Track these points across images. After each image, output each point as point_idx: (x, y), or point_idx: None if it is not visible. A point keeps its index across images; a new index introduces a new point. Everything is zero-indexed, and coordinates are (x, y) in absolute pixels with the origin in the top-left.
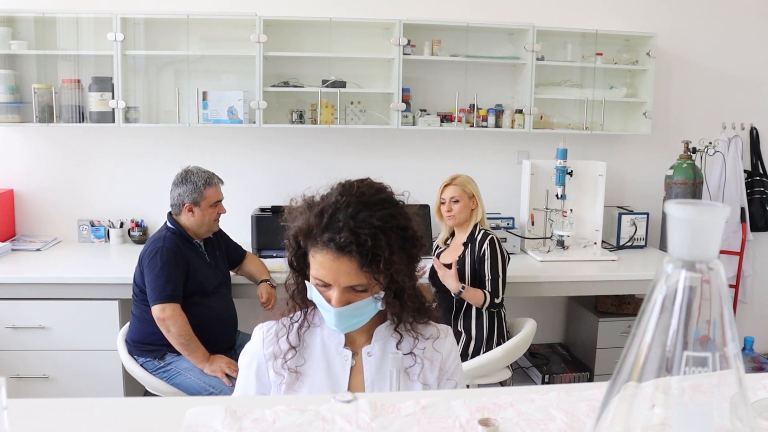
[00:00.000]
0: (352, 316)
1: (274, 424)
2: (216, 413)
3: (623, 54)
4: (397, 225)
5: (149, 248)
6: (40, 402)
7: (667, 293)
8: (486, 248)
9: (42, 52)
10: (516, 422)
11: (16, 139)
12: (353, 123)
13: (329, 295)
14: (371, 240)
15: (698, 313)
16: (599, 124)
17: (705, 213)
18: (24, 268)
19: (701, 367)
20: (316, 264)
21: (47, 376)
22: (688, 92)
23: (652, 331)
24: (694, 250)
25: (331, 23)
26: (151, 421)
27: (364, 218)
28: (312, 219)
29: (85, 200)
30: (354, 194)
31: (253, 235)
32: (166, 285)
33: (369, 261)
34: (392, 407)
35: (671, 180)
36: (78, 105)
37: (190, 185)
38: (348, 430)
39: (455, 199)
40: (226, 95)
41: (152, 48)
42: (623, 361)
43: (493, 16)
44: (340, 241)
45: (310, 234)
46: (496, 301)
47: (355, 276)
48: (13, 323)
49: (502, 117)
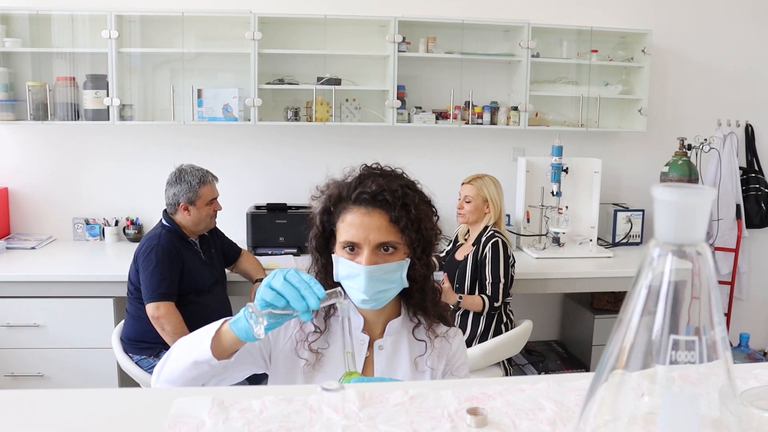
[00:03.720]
0: (382, 280)
1: (261, 414)
2: (203, 403)
3: (618, 51)
4: (421, 193)
5: (144, 246)
6: (26, 393)
7: (653, 277)
8: (488, 251)
9: (36, 50)
10: (505, 412)
11: (10, 137)
12: (348, 120)
13: (358, 260)
14: (401, 189)
15: (685, 297)
16: (594, 121)
17: (691, 195)
18: (19, 267)
19: (688, 351)
20: (345, 227)
21: (42, 375)
22: (684, 89)
23: (639, 317)
24: (680, 234)
25: (326, 20)
26: (138, 412)
27: (391, 180)
28: (342, 184)
29: (80, 198)
30: (378, 168)
31: (248, 233)
32: (160, 283)
33: (398, 212)
34: (380, 397)
35: (666, 177)
36: (73, 103)
37: (184, 184)
38: (335, 419)
39: (468, 198)
40: (221, 93)
41: (147, 45)
42: (610, 348)
43: (488, 13)
44: (372, 190)
45: (341, 197)
46: (496, 305)
47: (385, 231)
48: (8, 321)
49: (498, 114)
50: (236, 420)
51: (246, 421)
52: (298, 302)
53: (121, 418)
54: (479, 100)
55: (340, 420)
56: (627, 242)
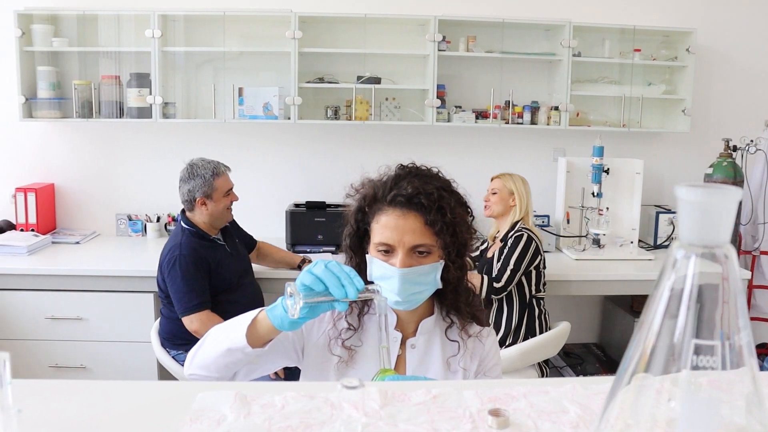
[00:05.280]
0: (415, 282)
1: (282, 409)
2: (226, 398)
3: (662, 50)
4: (456, 194)
5: (167, 257)
6: (48, 383)
7: (676, 279)
8: (510, 242)
9: (82, 49)
10: (527, 413)
11: (57, 134)
12: (388, 119)
13: (392, 261)
14: (436, 192)
15: (708, 300)
16: (637, 121)
17: (716, 195)
18: (63, 261)
19: (711, 356)
20: (380, 228)
21: (84, 367)
22: (729, 89)
23: (661, 319)
24: (704, 235)
25: (366, 19)
26: (162, 404)
27: (427, 181)
28: (378, 185)
29: (123, 194)
30: (413, 168)
31: (288, 231)
32: (190, 296)
33: (434, 216)
34: (403, 395)
35: (711, 179)
36: (117, 101)
37: (198, 179)
38: (355, 417)
39: (494, 190)
40: (261, 91)
41: (190, 44)
42: (631, 351)
43: (528, 12)
44: (408, 193)
45: (376, 198)
46: (496, 285)
47: (420, 234)
48: (52, 314)
49: (538, 114)
50: (257, 415)
51: (267, 416)
52: (337, 289)
53: (145, 410)
54: (519, 100)
55: (361, 417)
56: (669, 245)
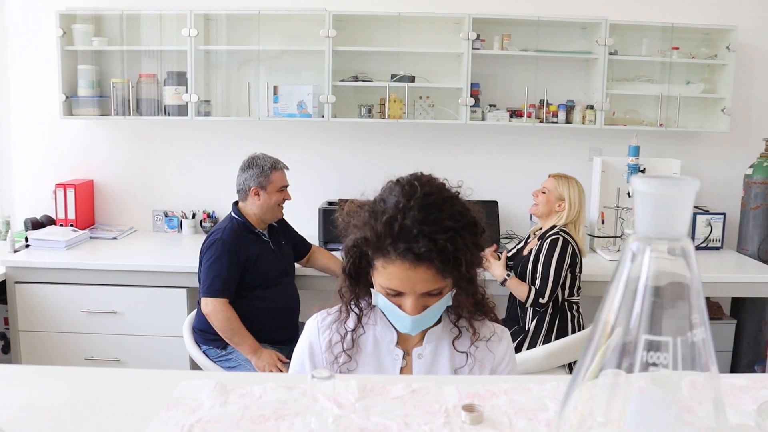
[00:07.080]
0: (428, 321)
1: (260, 399)
2: (206, 387)
3: (701, 48)
4: (467, 222)
5: (208, 239)
6: (34, 369)
7: (630, 273)
8: (545, 246)
9: (121, 48)
10: (504, 410)
11: (96, 131)
12: (422, 118)
13: (401, 301)
14: (451, 244)
15: (663, 296)
16: (674, 120)
17: (672, 187)
18: (100, 256)
19: (660, 352)
20: (387, 275)
21: (119, 360)
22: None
23: (615, 315)
24: (660, 228)
25: (400, 18)
26: (144, 391)
27: (436, 220)
28: (380, 228)
29: (159, 191)
30: (419, 196)
31: (320, 228)
32: (214, 279)
33: (449, 265)
34: (382, 389)
35: (750, 179)
36: (154, 99)
37: (256, 169)
38: (329, 408)
39: (544, 190)
40: (296, 89)
41: (226, 43)
42: (587, 347)
43: (564, 10)
44: (420, 251)
45: (379, 245)
46: (541, 300)
47: (432, 281)
48: (88, 308)
49: (573, 113)
50: (234, 404)
51: (243, 405)
52: None
53: (126, 396)
54: (554, 99)
55: (334, 409)
56: (706, 246)
